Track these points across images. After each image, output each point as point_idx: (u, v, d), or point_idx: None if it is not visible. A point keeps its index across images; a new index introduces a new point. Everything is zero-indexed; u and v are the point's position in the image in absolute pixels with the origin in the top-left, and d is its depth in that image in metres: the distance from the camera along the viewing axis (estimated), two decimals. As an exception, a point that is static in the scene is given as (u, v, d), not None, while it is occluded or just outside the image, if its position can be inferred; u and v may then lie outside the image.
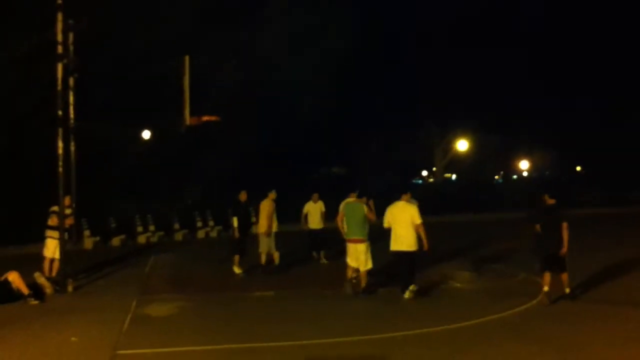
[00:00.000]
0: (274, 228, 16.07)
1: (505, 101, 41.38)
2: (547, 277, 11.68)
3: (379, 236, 13.01)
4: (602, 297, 12.34)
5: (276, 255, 16.16)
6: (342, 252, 14.58)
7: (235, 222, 15.67)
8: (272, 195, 16.12)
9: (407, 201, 12.85)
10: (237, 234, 15.68)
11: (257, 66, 30.67)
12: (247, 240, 16.09)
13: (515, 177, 64.89)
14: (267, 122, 33.18)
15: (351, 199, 13.35)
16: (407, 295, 12.22)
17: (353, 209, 13.08)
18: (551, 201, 12.12)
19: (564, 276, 11.77)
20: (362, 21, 33.19)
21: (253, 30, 30.19)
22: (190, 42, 26.11)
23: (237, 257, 15.81)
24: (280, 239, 16.47)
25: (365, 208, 12.97)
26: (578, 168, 61.41)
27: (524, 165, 55.40)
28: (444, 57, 38.41)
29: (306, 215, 17.59)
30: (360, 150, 45.75)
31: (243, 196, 15.92)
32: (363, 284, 12.96)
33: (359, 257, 12.88)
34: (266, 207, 15.94)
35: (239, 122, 29.29)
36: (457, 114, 42.11)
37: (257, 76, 30.68)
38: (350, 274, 13.16)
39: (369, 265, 12.92)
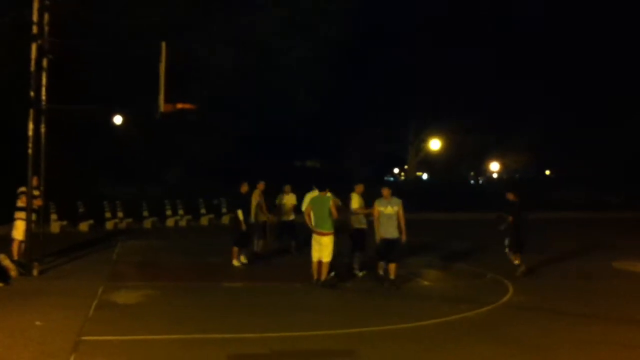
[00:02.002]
0: (264, 218, 16.56)
1: (480, 103, 41.73)
2: (512, 256, 14.81)
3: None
4: (570, 299, 12.55)
5: (260, 244, 16.60)
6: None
7: (240, 214, 15.43)
8: (261, 186, 16.48)
9: (388, 197, 13.28)
10: (244, 227, 15.44)
11: (243, 54, 30.17)
12: (250, 232, 16.01)
13: (483, 179, 65.52)
14: (248, 112, 32.79)
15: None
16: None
17: (321, 202, 13.22)
18: (513, 198, 14.66)
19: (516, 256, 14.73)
20: (349, 14, 32.85)
21: (239, 18, 29.77)
22: (178, 26, 25.83)
23: (236, 249, 15.63)
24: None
25: (331, 202, 13.12)
26: (547, 172, 62.18)
27: (494, 166, 55.91)
28: (422, 56, 38.67)
29: (279, 207, 17.68)
30: (339, 144, 45.88)
31: (244, 188, 15.79)
32: (323, 275, 13.08)
33: (321, 249, 13.07)
34: (255, 197, 16.29)
35: (219, 110, 29.06)
36: (433, 112, 42.48)
37: (241, 65, 30.23)
38: (315, 267, 13.28)
39: (329, 258, 13.07)
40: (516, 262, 14.72)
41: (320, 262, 13.12)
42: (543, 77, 41.86)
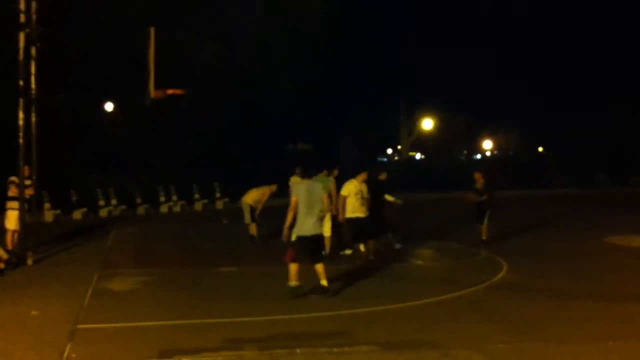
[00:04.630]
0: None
1: (473, 81, 41.73)
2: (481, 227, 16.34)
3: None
4: (563, 275, 12.63)
5: (253, 227, 16.59)
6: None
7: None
8: (273, 187, 16.64)
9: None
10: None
11: (229, 34, 29.77)
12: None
13: (477, 157, 65.53)
14: (236, 95, 32.43)
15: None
16: None
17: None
18: (479, 177, 16.45)
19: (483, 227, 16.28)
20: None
21: (235, 9, 29.42)
22: (162, 13, 25.63)
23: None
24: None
25: (328, 183, 13.88)
26: (540, 149, 62.23)
27: (487, 144, 55.89)
28: (419, 37, 38.69)
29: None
30: (329, 127, 45.82)
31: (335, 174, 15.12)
32: (327, 248, 13.83)
33: None
34: (265, 193, 16.58)
35: (208, 94, 28.84)
36: (426, 91, 42.46)
37: (229, 45, 29.85)
38: None
39: (328, 233, 13.90)
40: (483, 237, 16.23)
41: None
42: (533, 68, 42.12)
